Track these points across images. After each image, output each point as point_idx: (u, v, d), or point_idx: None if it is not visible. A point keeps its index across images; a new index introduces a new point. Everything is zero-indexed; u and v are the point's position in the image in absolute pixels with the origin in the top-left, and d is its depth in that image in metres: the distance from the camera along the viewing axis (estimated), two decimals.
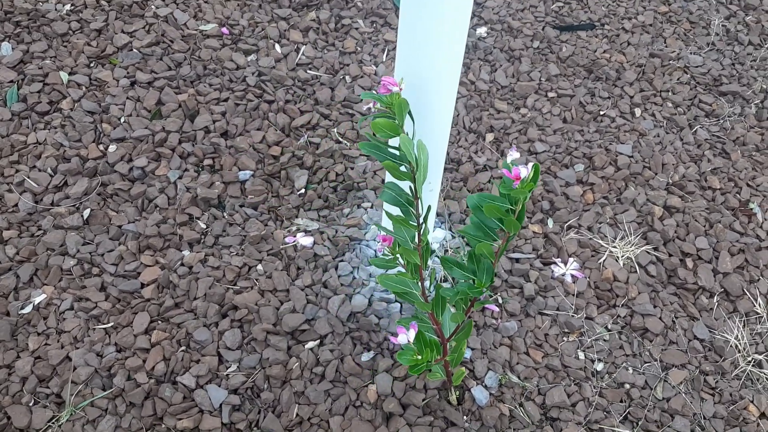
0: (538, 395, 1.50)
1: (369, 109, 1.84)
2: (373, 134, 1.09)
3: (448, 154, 1.88)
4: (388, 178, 1.42)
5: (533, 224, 1.78)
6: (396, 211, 1.19)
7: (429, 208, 1.17)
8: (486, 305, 1.57)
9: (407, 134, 1.08)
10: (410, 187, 1.12)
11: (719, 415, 1.51)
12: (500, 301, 1.63)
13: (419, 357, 1.14)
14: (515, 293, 1.64)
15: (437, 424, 1.42)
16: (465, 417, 1.45)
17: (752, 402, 1.54)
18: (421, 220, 1.14)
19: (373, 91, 1.07)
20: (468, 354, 1.52)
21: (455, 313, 1.22)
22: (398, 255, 1.17)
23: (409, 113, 1.11)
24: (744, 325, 1.66)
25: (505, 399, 1.48)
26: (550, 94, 2.07)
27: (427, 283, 1.53)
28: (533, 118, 2.00)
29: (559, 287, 1.66)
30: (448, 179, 1.83)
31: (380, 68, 2.07)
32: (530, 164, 1.04)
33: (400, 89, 1.06)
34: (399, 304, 1.57)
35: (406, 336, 1.10)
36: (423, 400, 1.44)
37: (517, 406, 1.48)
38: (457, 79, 1.26)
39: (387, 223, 1.56)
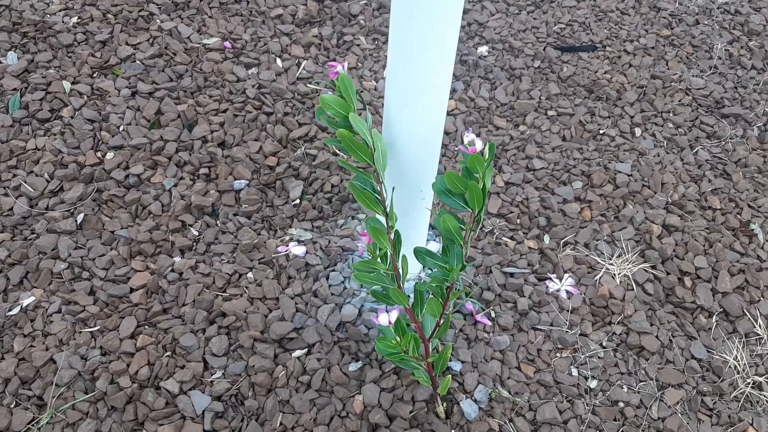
0: (529, 411, 1.45)
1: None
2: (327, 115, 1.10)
3: (445, 168, 1.86)
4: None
5: (529, 240, 1.75)
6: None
7: (393, 189, 1.17)
8: (478, 318, 1.54)
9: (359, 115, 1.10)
10: (373, 174, 1.12)
11: None
12: (493, 315, 1.60)
13: (398, 339, 1.12)
14: (508, 308, 1.61)
15: None
16: (453, 431, 1.41)
17: (752, 425, 1.48)
18: (387, 204, 1.13)
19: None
20: (458, 367, 1.49)
21: (431, 300, 1.19)
22: (378, 258, 1.15)
23: (363, 102, 1.13)
24: (743, 346, 1.61)
25: (494, 414, 1.44)
26: (550, 113, 2.06)
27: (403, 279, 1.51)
28: (532, 136, 1.99)
29: (554, 303, 1.63)
30: None
31: (380, 83, 2.07)
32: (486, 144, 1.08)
33: (346, 71, 1.08)
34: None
35: (387, 316, 1.09)
36: (410, 412, 1.40)
37: (507, 422, 1.43)
38: (448, 89, 1.25)
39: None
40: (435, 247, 1.69)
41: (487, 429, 1.41)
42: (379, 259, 1.15)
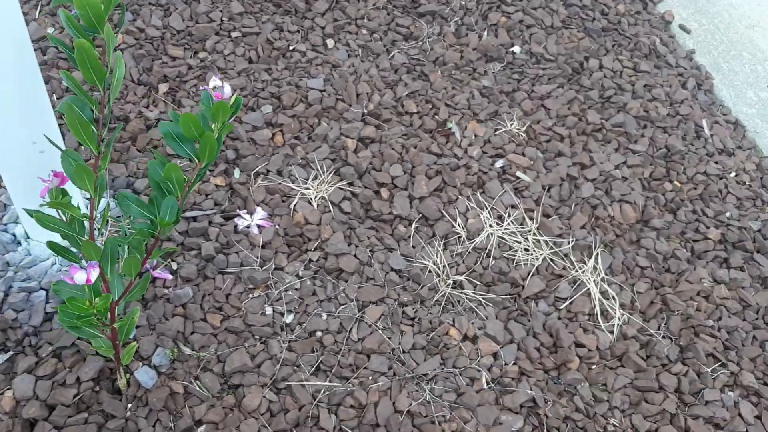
0: (218, 363, 1.36)
1: None
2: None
3: (112, 112, 1.67)
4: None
5: (216, 177, 1.62)
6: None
7: (118, 128, 1.01)
8: (157, 274, 1.38)
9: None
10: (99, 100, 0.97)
11: (419, 345, 1.45)
12: (175, 267, 1.46)
13: (95, 301, 0.99)
14: (193, 255, 1.48)
15: (93, 420, 1.24)
16: (129, 405, 1.27)
17: (453, 325, 1.49)
18: (104, 146, 0.99)
19: None
20: (132, 333, 1.35)
21: (129, 258, 1.05)
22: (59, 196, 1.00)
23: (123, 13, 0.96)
24: (444, 248, 1.61)
25: (177, 375, 1.32)
26: (234, 34, 1.91)
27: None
28: (214, 62, 1.83)
29: (244, 241, 1.52)
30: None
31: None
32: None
33: None
34: (44, 292, 1.35)
35: (84, 274, 0.92)
36: (75, 396, 1.25)
37: (193, 380, 1.33)
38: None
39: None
40: (101, 202, 1.51)
41: (168, 394, 1.29)
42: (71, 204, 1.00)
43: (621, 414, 1.43)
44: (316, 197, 1.63)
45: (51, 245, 1.05)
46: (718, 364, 1.53)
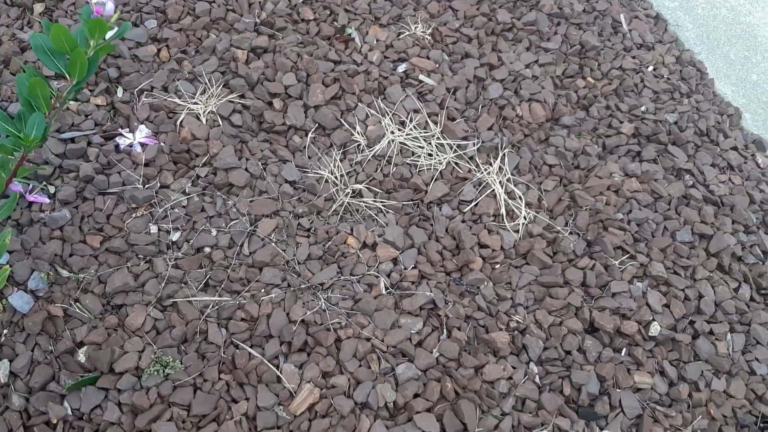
0: (99, 284, 1.35)
1: None
2: None
3: None
4: None
5: (96, 97, 1.59)
6: None
7: None
8: (33, 198, 1.37)
9: None
10: None
11: (315, 255, 1.45)
12: (52, 190, 1.44)
13: None
14: (71, 178, 1.46)
15: None
16: (5, 331, 1.27)
17: (351, 234, 1.49)
18: None
19: None
20: (4, 259, 1.33)
21: None
22: None
23: None
24: (343, 157, 1.60)
25: (55, 299, 1.31)
26: None
27: None
28: None
29: (126, 160, 1.50)
30: None
31: None
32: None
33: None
34: None
35: None
36: None
37: (72, 303, 1.32)
38: None
39: None
40: None
41: (46, 317, 1.29)
42: None
43: (525, 310, 1.45)
44: (204, 112, 1.60)
45: None
46: (627, 256, 1.55)
